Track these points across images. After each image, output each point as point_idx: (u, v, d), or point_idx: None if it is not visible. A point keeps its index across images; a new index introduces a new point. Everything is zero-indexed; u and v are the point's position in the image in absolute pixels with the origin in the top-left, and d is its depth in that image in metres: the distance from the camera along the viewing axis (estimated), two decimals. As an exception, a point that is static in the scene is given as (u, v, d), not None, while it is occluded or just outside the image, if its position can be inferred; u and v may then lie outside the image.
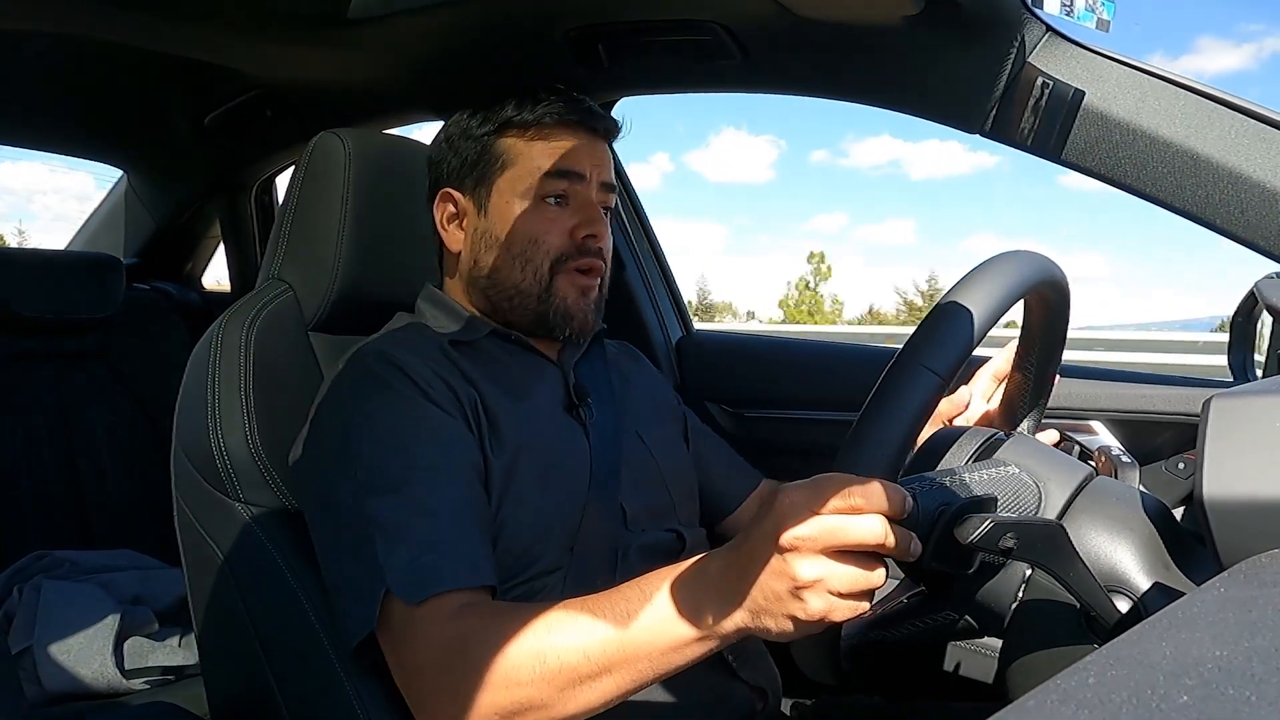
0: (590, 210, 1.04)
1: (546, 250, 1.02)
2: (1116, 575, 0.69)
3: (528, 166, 1.03)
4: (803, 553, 0.63)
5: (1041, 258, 0.79)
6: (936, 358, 0.67)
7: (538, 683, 0.73)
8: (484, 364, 1.01)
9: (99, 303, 2.00)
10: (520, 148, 1.04)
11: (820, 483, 0.64)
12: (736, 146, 66.27)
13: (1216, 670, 0.35)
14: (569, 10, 1.22)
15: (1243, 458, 0.56)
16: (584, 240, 1.02)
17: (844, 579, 0.63)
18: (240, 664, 1.00)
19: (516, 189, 1.03)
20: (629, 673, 0.72)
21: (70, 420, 1.97)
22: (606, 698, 0.73)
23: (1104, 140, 1.00)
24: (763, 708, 1.03)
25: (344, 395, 0.94)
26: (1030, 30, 1.02)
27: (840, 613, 0.63)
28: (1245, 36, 37.30)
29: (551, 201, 1.03)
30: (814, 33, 1.12)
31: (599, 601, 0.74)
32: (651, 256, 1.75)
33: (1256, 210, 0.94)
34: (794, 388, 1.60)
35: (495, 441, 0.94)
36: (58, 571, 1.64)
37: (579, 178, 1.03)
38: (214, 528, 0.99)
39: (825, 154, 60.13)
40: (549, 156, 1.03)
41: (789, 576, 0.63)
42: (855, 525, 0.62)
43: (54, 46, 1.58)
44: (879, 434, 0.66)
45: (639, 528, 1.01)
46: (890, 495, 0.62)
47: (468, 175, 1.05)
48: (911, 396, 0.66)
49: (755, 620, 0.66)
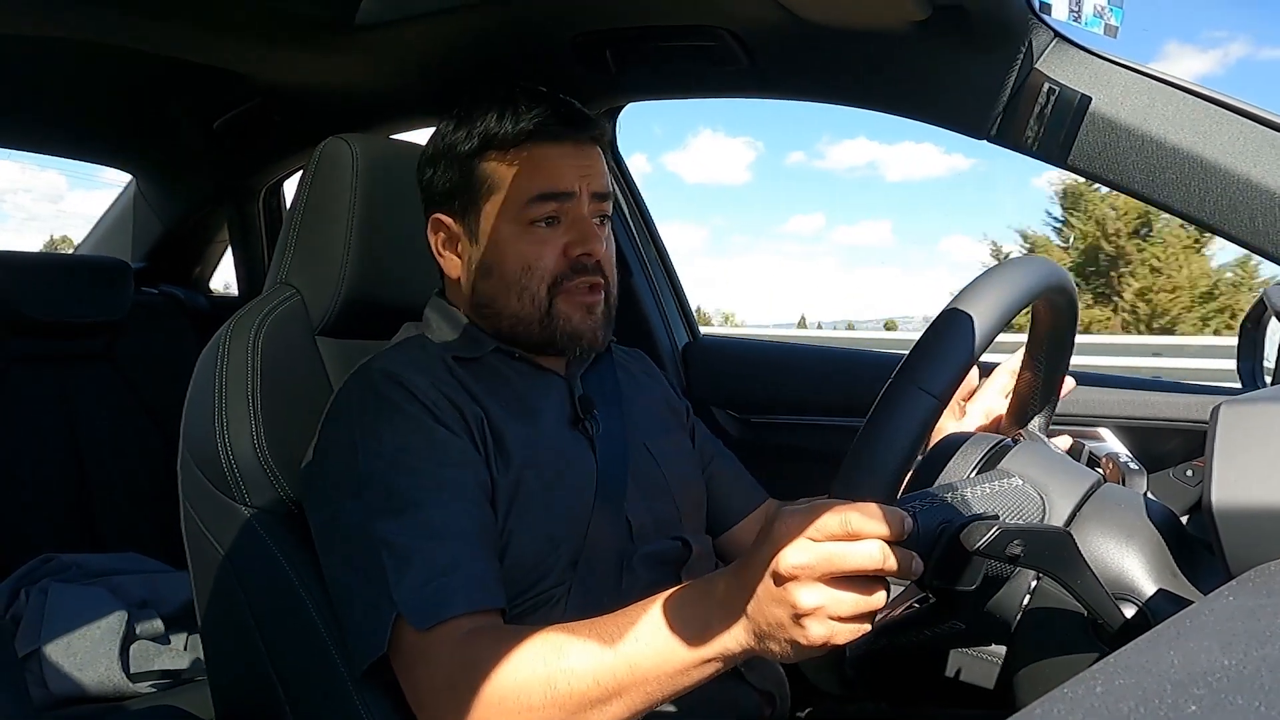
0: (582, 227, 0.99)
1: (541, 275, 0.99)
2: (1124, 583, 0.69)
3: (513, 192, 0.99)
4: (802, 581, 0.63)
5: (1045, 263, 0.79)
6: (931, 378, 0.66)
7: (549, 707, 0.74)
8: (488, 380, 1.00)
9: (107, 306, 2.01)
10: (503, 172, 0.99)
11: (817, 509, 0.64)
12: (714, 148, 66.32)
13: (1225, 680, 0.35)
14: (576, 16, 1.22)
15: (1252, 465, 0.55)
16: (579, 258, 0.99)
17: (844, 604, 0.63)
18: (245, 668, 1.00)
19: (504, 215, 0.99)
20: (638, 695, 0.73)
21: (77, 423, 1.98)
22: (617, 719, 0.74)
23: (1111, 146, 1.00)
24: (771, 713, 1.02)
25: (352, 416, 0.94)
26: (1038, 36, 1.02)
27: (842, 637, 0.64)
28: (1211, 42, 37.31)
29: (542, 225, 0.99)
30: (821, 38, 1.12)
31: (607, 625, 0.74)
32: (658, 262, 1.74)
33: (1265, 216, 0.93)
34: (801, 393, 1.60)
35: (501, 460, 0.94)
36: (64, 575, 1.64)
37: (568, 196, 0.99)
38: (220, 532, 0.99)
39: (802, 155, 60.11)
40: (533, 180, 0.98)
41: (789, 604, 0.64)
42: (853, 552, 0.62)
43: (65, 52, 1.59)
44: (875, 458, 0.65)
45: (645, 539, 1.01)
46: (888, 518, 0.62)
47: (455, 200, 1.02)
48: (907, 419, 0.65)
49: (759, 644, 0.68)
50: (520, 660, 0.76)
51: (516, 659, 0.76)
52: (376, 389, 0.94)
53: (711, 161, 69.45)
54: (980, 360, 0.71)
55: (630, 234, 1.69)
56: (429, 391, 0.93)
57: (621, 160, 1.71)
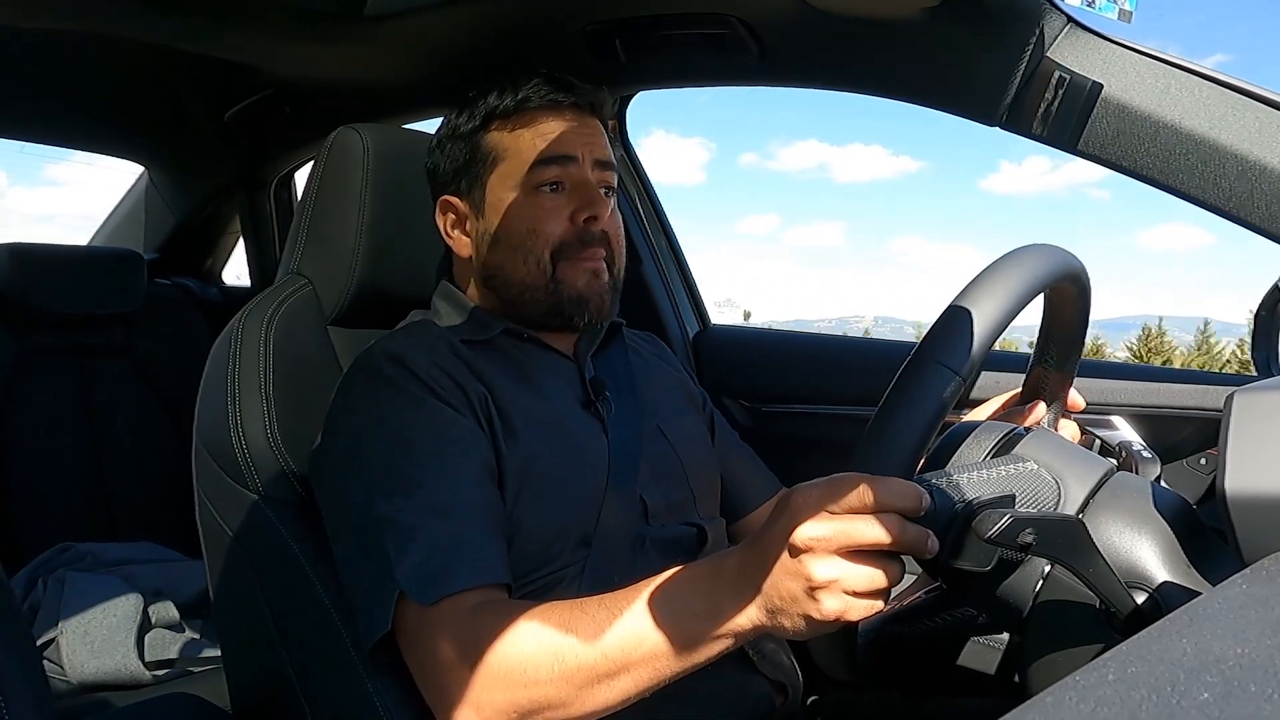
0: (587, 191, 1.00)
1: (546, 239, 0.99)
2: (1137, 571, 0.68)
3: (517, 158, 1.00)
4: (818, 553, 0.62)
5: (1059, 251, 0.78)
6: (953, 354, 0.66)
7: (556, 681, 0.73)
8: (498, 362, 1.00)
9: (121, 298, 2.02)
10: (506, 141, 1.01)
11: (836, 482, 0.63)
12: (667, 149, 66.41)
13: (1238, 667, 0.35)
14: (586, 5, 1.22)
15: (1266, 453, 0.55)
16: (585, 224, 1.00)
17: (860, 579, 0.62)
18: (260, 656, 1.01)
19: (508, 183, 1.01)
20: (646, 671, 0.72)
21: (92, 414, 1.99)
22: (625, 695, 0.73)
23: (1124, 132, 0.99)
24: (782, 702, 1.02)
25: (354, 396, 0.94)
26: (1050, 21, 1.01)
27: (856, 612, 0.63)
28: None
29: (547, 190, 1.00)
30: (832, 26, 1.12)
31: (616, 600, 0.74)
32: (669, 251, 1.74)
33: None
34: (812, 382, 1.60)
35: (510, 440, 0.94)
36: (80, 564, 1.66)
37: (570, 160, 1.00)
38: (234, 520, 1.00)
39: (755, 157, 60.46)
40: (536, 144, 1.00)
41: (804, 577, 0.63)
42: (871, 525, 0.62)
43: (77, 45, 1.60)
44: (895, 431, 0.65)
45: (659, 521, 1.01)
46: (907, 493, 0.62)
47: (462, 179, 1.04)
48: (928, 393, 0.66)
49: (771, 619, 0.66)
50: (527, 634, 0.75)
51: (523, 633, 0.75)
52: (378, 370, 0.94)
53: (666, 161, 69.56)
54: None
55: (640, 222, 1.69)
56: (430, 370, 0.94)
57: (631, 148, 1.70)
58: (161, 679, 1.51)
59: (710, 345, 1.71)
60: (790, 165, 70.76)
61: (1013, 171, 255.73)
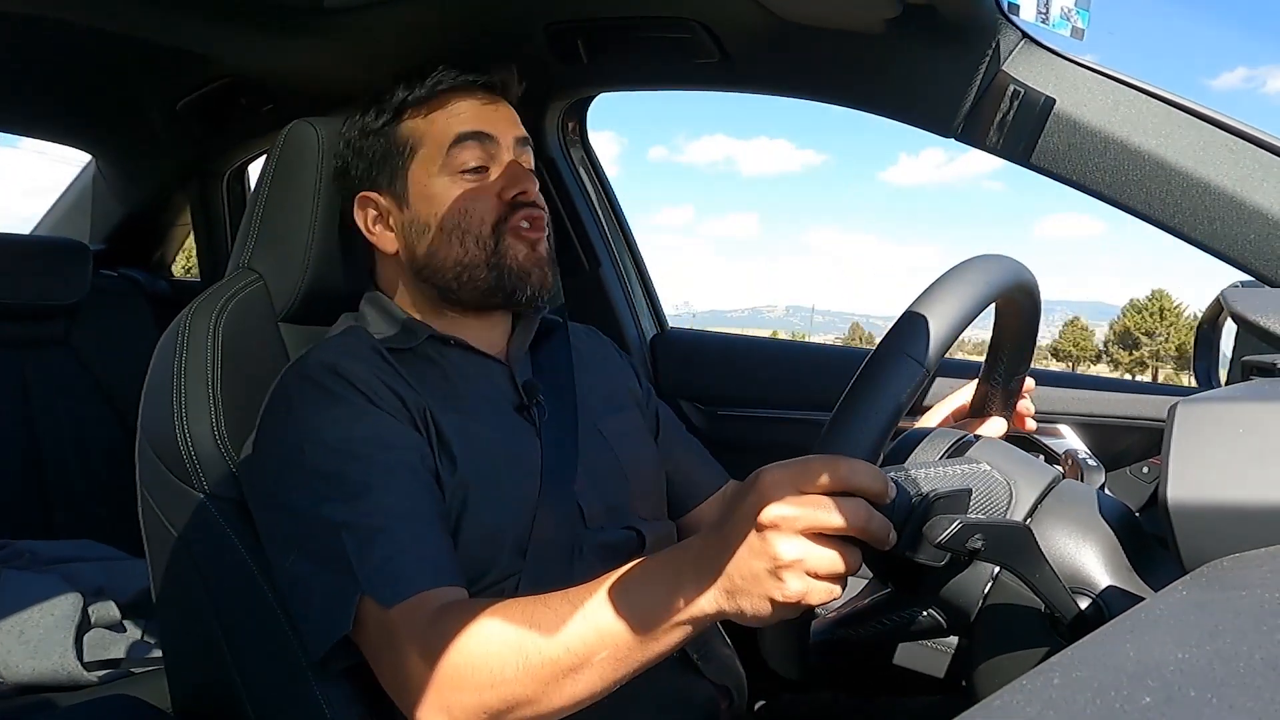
0: (512, 169, 1.02)
1: (482, 217, 1.00)
2: (1081, 577, 0.70)
3: (435, 143, 1.01)
4: (783, 531, 0.62)
5: (1014, 262, 0.80)
6: (919, 346, 0.67)
7: (522, 679, 0.73)
8: (425, 370, 0.99)
9: (65, 289, 1.97)
10: (422, 127, 1.02)
11: (806, 462, 0.63)
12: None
13: (1178, 672, 0.35)
14: (548, 4, 1.21)
15: (1206, 463, 0.57)
16: (515, 198, 1.01)
17: (823, 561, 0.62)
18: (204, 657, 0.99)
19: (431, 169, 1.01)
20: (610, 663, 0.71)
21: (33, 408, 1.94)
22: (591, 689, 0.73)
23: (1074, 147, 1.01)
24: (727, 707, 1.02)
25: (293, 407, 0.92)
26: (1006, 36, 1.03)
27: (816, 595, 0.63)
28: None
29: (471, 172, 1.01)
30: (793, 34, 1.13)
31: (579, 592, 0.73)
32: (626, 252, 1.74)
33: (1224, 220, 0.95)
34: (768, 387, 1.61)
35: (442, 452, 0.93)
36: (18, 562, 1.61)
37: (489, 139, 1.02)
38: (178, 519, 0.97)
39: (664, 151, 61.44)
40: (452, 125, 1.01)
41: (769, 555, 0.62)
42: (839, 508, 0.62)
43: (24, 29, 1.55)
44: (862, 417, 0.66)
45: (597, 524, 1.00)
46: (877, 476, 0.62)
47: (379, 172, 1.03)
48: (894, 383, 0.67)
49: (732, 601, 0.65)
50: (491, 632, 0.75)
51: (487, 631, 0.75)
52: (315, 380, 0.93)
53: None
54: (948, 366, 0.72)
55: (599, 224, 1.69)
56: (368, 379, 0.93)
57: (592, 150, 1.70)
58: (104, 680, 1.47)
59: (667, 348, 1.72)
60: (698, 159, 72.65)
61: (910, 164, 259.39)
